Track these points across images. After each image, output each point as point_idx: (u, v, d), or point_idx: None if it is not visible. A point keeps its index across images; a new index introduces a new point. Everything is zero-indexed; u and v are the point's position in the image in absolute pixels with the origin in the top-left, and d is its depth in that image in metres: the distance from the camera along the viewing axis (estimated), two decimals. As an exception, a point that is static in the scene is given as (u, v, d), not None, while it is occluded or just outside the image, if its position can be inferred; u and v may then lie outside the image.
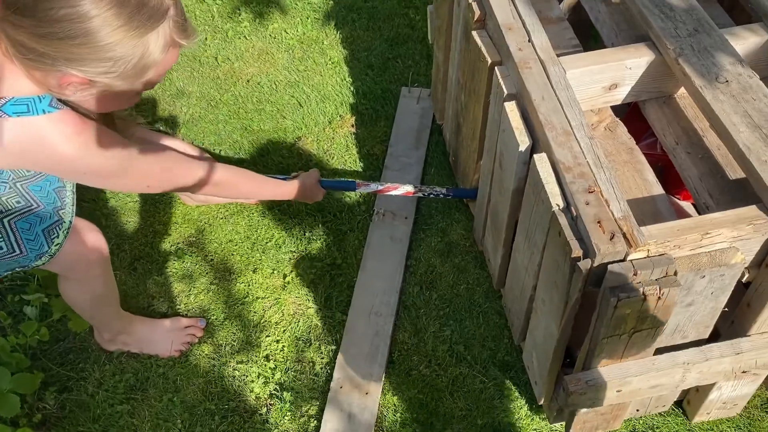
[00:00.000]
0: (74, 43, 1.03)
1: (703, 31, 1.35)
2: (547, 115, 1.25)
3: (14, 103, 1.09)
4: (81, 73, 1.07)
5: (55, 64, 1.05)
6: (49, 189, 1.34)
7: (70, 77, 1.08)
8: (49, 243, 1.35)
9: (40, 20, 1.01)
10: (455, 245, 1.94)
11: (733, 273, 1.14)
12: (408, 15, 2.66)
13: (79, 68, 1.07)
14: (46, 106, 1.12)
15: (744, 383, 1.47)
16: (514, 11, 1.43)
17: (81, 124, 1.16)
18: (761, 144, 1.16)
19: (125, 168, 1.27)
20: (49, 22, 1.01)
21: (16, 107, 1.09)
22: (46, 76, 1.08)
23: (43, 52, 1.03)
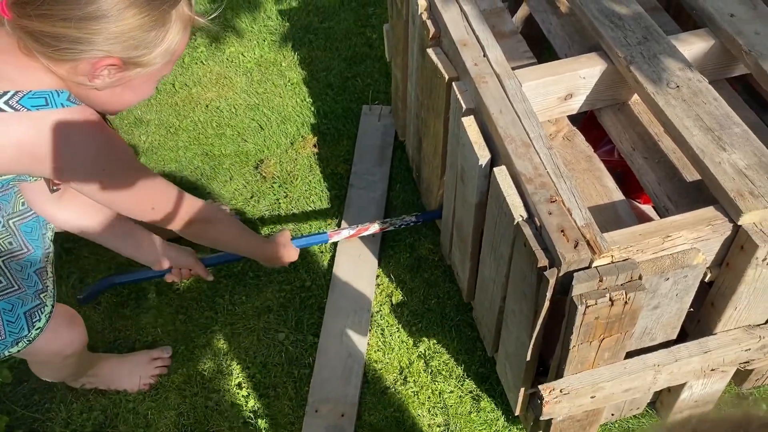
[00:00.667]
0: (109, 21, 1.01)
1: (652, 39, 1.38)
2: (505, 128, 1.26)
3: (32, 96, 1.05)
4: (117, 54, 1.05)
5: (88, 49, 1.03)
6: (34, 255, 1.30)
7: (104, 60, 1.05)
8: (29, 327, 1.29)
9: (73, 4, 0.99)
10: (424, 260, 1.94)
11: (696, 273, 1.16)
12: (365, 34, 2.67)
13: (113, 49, 1.04)
14: (65, 100, 1.08)
15: (713, 381, 1.49)
16: (467, 27, 1.45)
17: (101, 120, 1.13)
18: (714, 146, 1.19)
19: (137, 179, 1.21)
20: (84, 4, 0.99)
21: (35, 100, 1.05)
22: (76, 66, 1.05)
23: (77, 37, 1.01)
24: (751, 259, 1.12)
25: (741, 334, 1.30)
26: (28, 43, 1.03)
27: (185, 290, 1.89)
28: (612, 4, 1.46)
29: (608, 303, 1.10)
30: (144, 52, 1.07)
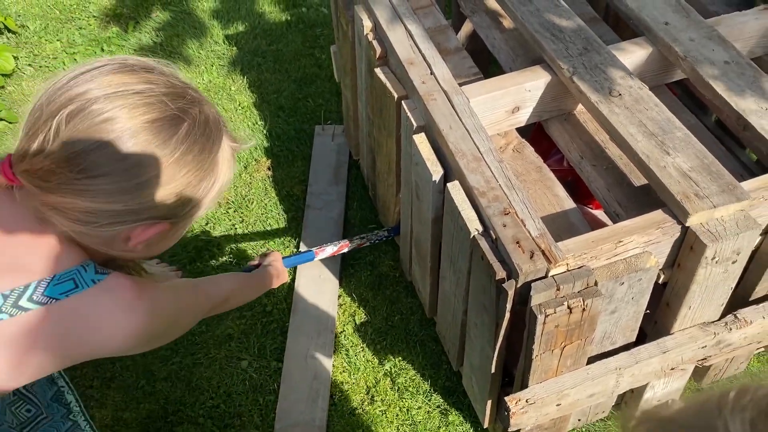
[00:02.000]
0: (158, 188, 0.84)
1: (592, 49, 1.42)
2: (456, 143, 1.27)
3: (58, 282, 0.85)
4: (166, 217, 0.88)
5: (132, 220, 0.85)
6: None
7: (152, 228, 0.87)
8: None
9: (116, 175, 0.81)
10: (385, 277, 1.94)
11: (650, 276, 1.18)
12: (314, 55, 2.68)
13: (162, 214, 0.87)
14: (93, 274, 0.88)
15: (674, 379, 1.52)
16: (413, 46, 1.46)
17: (136, 285, 0.92)
18: (658, 151, 1.22)
19: (180, 312, 1.02)
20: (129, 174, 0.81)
21: (62, 286, 0.85)
22: (115, 237, 0.87)
23: (120, 211, 0.83)
24: (700, 258, 1.15)
25: (697, 332, 1.33)
26: (51, 218, 0.83)
27: (143, 324, 1.85)
28: (552, 18, 1.49)
29: (566, 311, 1.11)
30: (195, 205, 0.90)
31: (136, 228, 0.85)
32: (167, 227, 0.88)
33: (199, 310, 1.09)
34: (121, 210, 0.83)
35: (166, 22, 2.84)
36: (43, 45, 2.79)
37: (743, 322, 1.33)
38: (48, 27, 2.86)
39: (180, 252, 2.02)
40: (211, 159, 0.88)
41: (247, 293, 1.38)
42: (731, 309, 1.34)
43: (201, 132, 0.86)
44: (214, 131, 0.88)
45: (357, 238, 1.78)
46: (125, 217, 0.84)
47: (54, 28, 2.86)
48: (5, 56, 2.60)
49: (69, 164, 0.79)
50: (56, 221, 0.83)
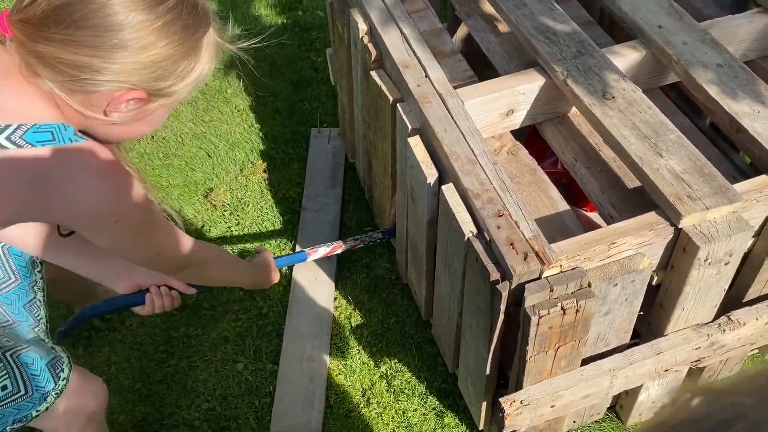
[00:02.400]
0: (138, 51, 0.89)
1: (586, 53, 1.42)
2: (450, 145, 1.28)
3: (37, 130, 0.88)
4: (143, 86, 0.92)
5: (111, 80, 0.89)
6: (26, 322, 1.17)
7: (129, 93, 0.92)
8: (55, 378, 1.18)
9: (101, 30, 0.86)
10: (381, 279, 1.94)
11: (643, 278, 1.19)
12: (310, 58, 2.69)
13: (140, 80, 0.91)
14: (72, 135, 0.91)
15: (668, 381, 1.53)
16: (408, 49, 1.47)
17: (113, 159, 0.95)
18: (651, 153, 1.23)
19: (148, 226, 1.04)
20: (112, 31, 0.86)
21: (40, 135, 0.88)
22: (92, 98, 0.91)
23: (101, 67, 0.88)
24: (693, 260, 1.16)
25: (690, 334, 1.34)
26: (37, 69, 0.88)
27: (138, 325, 1.85)
28: (547, 21, 1.50)
29: (560, 312, 1.12)
30: (171, 83, 0.95)
31: (114, 91, 0.91)
32: (144, 96, 0.93)
33: (171, 234, 1.12)
34: (102, 66, 0.88)
35: (162, 25, 2.85)
36: None
37: (737, 324, 1.34)
38: None
39: (176, 254, 2.03)
40: (194, 40, 0.94)
41: (235, 271, 1.40)
42: (725, 310, 1.35)
43: (188, 11, 0.92)
44: (201, 16, 0.94)
45: (351, 240, 1.79)
46: (106, 75, 0.89)
47: None
48: None
49: (58, 13, 0.84)
50: (43, 73, 0.88)
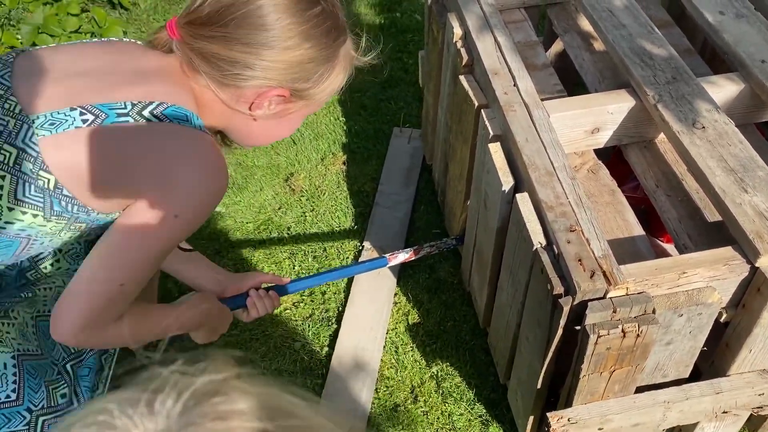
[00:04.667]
0: (287, 51, 0.97)
1: (681, 80, 1.40)
2: (530, 156, 1.29)
3: (175, 111, 0.97)
4: (286, 84, 1.00)
5: (260, 76, 0.98)
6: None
7: (274, 90, 1.00)
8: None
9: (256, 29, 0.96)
10: (443, 282, 1.96)
11: (710, 312, 1.16)
12: (401, 59, 2.73)
13: (284, 79, 1.00)
14: (202, 125, 1.00)
15: (726, 424, 1.48)
16: (500, 57, 1.49)
17: (225, 163, 1.01)
18: (736, 187, 1.20)
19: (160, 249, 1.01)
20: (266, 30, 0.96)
21: (177, 113, 0.97)
22: (241, 93, 1.00)
23: (252, 63, 0.97)
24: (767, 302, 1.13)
25: (755, 378, 1.29)
26: (196, 64, 0.99)
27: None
28: (644, 43, 1.48)
29: (620, 334, 1.11)
30: (310, 86, 1.03)
31: (261, 87, 1.00)
32: (287, 94, 1.02)
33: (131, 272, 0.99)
34: (253, 62, 0.97)
35: (265, 13, 2.96)
36: (151, 23, 2.96)
37: (806, 375, 1.29)
38: (157, 7, 3.03)
39: (252, 230, 2.11)
40: (334, 47, 1.02)
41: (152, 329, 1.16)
42: (795, 360, 1.30)
43: (331, 20, 1.01)
44: (341, 27, 1.03)
45: (427, 246, 1.81)
46: (255, 71, 0.98)
47: (162, 8, 3.02)
48: (115, 30, 2.77)
49: (220, 14, 0.95)
50: (201, 68, 0.99)
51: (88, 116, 0.93)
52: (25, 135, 0.92)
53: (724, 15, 1.55)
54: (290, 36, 0.97)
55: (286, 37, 0.97)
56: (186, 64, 1.00)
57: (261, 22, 0.96)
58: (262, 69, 0.98)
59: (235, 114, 1.04)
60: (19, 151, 0.91)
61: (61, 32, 2.65)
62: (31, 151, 0.92)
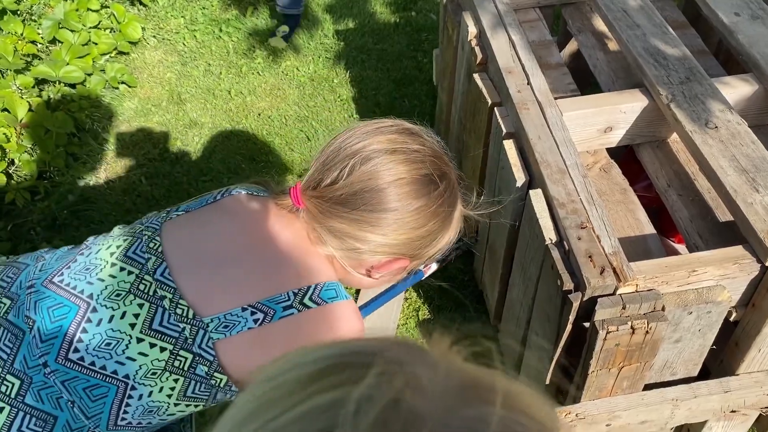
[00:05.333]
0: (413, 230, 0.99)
1: (694, 80, 1.41)
2: (542, 153, 1.30)
3: (327, 288, 1.00)
4: (408, 255, 1.03)
5: (386, 252, 1.01)
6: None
7: (398, 261, 1.03)
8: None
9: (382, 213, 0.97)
10: (453, 279, 1.97)
11: (720, 310, 1.17)
12: (416, 58, 2.75)
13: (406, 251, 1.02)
14: (345, 291, 1.03)
15: (734, 424, 1.48)
16: (514, 56, 1.50)
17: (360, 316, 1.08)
18: (747, 187, 1.21)
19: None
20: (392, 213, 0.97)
21: (329, 292, 1.00)
22: (364, 262, 1.03)
23: (379, 243, 0.99)
24: (777, 301, 1.13)
25: (764, 378, 1.30)
26: (325, 238, 1.00)
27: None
28: (658, 44, 1.49)
29: (629, 330, 1.12)
30: (428, 250, 1.05)
31: (385, 258, 1.02)
32: (407, 263, 1.04)
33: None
34: (383, 242, 0.99)
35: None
36: (168, 20, 2.99)
37: (816, 376, 1.29)
38: (175, 4, 3.06)
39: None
40: (451, 215, 1.04)
41: None
42: (805, 360, 1.30)
43: (451, 191, 1.02)
44: (456, 193, 1.05)
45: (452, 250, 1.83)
46: (384, 248, 1.00)
47: (180, 5, 3.06)
48: (134, 25, 2.81)
49: (354, 198, 0.97)
50: (329, 242, 1.00)
51: (258, 315, 0.95)
52: (201, 340, 0.94)
53: (739, 16, 1.55)
54: (417, 218, 0.98)
55: (413, 220, 0.98)
56: (312, 231, 1.02)
57: (391, 207, 0.97)
58: (388, 246, 1.00)
59: (350, 275, 1.06)
60: (195, 356, 0.94)
61: (81, 27, 2.69)
62: (207, 356, 0.94)
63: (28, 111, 2.32)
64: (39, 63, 2.54)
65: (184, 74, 2.73)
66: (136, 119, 2.56)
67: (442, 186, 1.00)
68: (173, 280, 0.97)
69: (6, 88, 2.36)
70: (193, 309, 0.95)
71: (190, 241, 1.01)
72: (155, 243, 1.00)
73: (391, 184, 0.96)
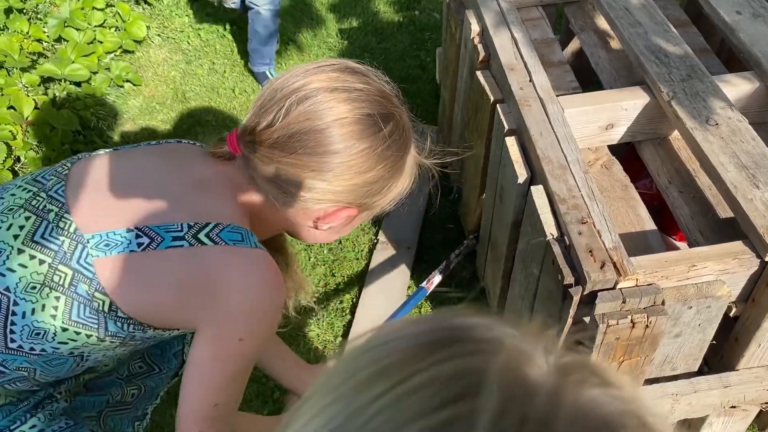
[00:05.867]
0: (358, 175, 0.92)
1: (696, 77, 1.42)
2: (544, 149, 1.31)
3: (231, 230, 0.93)
4: (355, 203, 0.95)
5: (330, 199, 0.93)
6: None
7: (344, 210, 0.95)
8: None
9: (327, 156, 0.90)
10: (456, 276, 1.99)
11: (719, 305, 1.18)
12: (419, 56, 2.76)
13: (353, 199, 0.95)
14: (256, 241, 0.95)
15: (735, 420, 1.49)
16: (516, 53, 1.51)
17: (282, 280, 0.98)
18: (747, 183, 1.22)
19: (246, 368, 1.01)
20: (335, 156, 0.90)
21: (233, 234, 0.93)
22: (307, 212, 0.95)
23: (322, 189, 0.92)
24: (776, 296, 1.14)
25: (764, 373, 1.31)
26: (261, 184, 0.94)
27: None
28: (660, 42, 1.50)
29: (629, 324, 1.13)
30: (377, 199, 0.98)
31: (331, 207, 0.95)
32: (355, 212, 0.97)
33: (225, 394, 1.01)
34: (326, 189, 0.92)
35: (286, 9, 3.00)
36: (173, 18, 3.01)
37: (816, 372, 1.30)
38: (179, 2, 3.08)
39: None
40: (402, 160, 0.96)
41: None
42: (805, 356, 1.31)
43: (400, 134, 0.95)
44: (408, 137, 0.97)
45: (453, 256, 1.83)
46: (328, 196, 0.93)
47: (185, 3, 3.07)
48: (139, 24, 2.83)
49: (291, 140, 0.89)
50: (265, 188, 0.94)
51: (144, 239, 0.90)
52: (80, 256, 0.90)
53: (740, 15, 1.56)
54: (362, 161, 0.92)
55: (357, 164, 0.91)
56: (247, 178, 0.95)
57: (332, 149, 0.90)
58: (333, 193, 0.93)
59: (297, 224, 1.00)
60: (74, 273, 0.90)
61: (87, 26, 2.71)
62: (87, 273, 0.90)
63: (33, 109, 2.34)
64: (45, 61, 2.56)
65: (188, 73, 2.75)
66: (140, 117, 2.57)
67: (389, 127, 0.92)
68: (64, 196, 0.93)
69: (12, 86, 2.38)
70: (77, 224, 0.91)
71: (100, 167, 0.97)
72: (64, 168, 0.98)
73: (332, 124, 0.89)
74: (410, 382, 0.30)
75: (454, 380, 0.30)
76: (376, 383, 0.31)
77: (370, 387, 0.31)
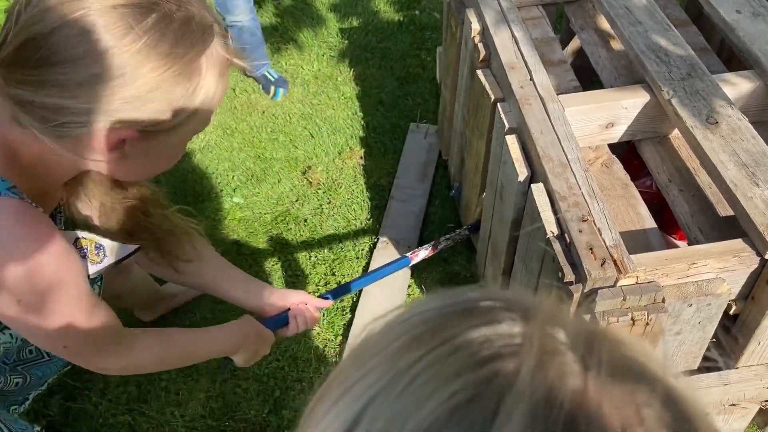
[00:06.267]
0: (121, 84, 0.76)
1: (696, 76, 1.42)
2: (544, 147, 1.31)
3: None
4: (135, 123, 0.79)
5: (96, 120, 0.78)
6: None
7: (117, 133, 0.79)
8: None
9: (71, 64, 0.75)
10: (456, 275, 1.99)
11: (720, 303, 1.18)
12: (420, 56, 2.76)
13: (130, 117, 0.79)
14: (5, 189, 0.82)
15: (735, 418, 1.49)
16: (517, 52, 1.51)
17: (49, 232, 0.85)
18: (747, 181, 1.22)
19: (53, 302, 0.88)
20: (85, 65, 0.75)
21: None
22: (82, 140, 0.80)
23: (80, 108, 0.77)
24: (776, 294, 1.14)
25: (764, 371, 1.31)
26: (18, 116, 0.78)
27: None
28: (660, 41, 1.50)
29: (629, 322, 1.13)
30: (168, 116, 0.81)
31: (100, 132, 0.79)
32: (137, 135, 0.81)
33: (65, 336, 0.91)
34: (78, 107, 0.76)
35: (286, 8, 3.01)
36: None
37: (815, 370, 1.30)
38: (180, 2, 3.08)
39: (269, 221, 2.15)
40: (188, 61, 0.79)
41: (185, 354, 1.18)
42: (804, 354, 1.31)
43: (176, 27, 0.77)
44: (197, 32, 0.80)
45: (443, 239, 1.83)
46: (86, 117, 0.77)
47: (185, 3, 3.08)
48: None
49: (26, 51, 0.75)
50: (25, 120, 0.78)
51: None
52: None
53: (740, 14, 1.57)
54: (119, 64, 0.75)
55: (113, 67, 0.74)
56: (8, 113, 0.80)
57: (75, 55, 0.74)
58: (95, 113, 0.77)
59: (88, 162, 0.84)
60: None
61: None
62: None
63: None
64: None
65: (188, 72, 2.75)
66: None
67: (154, 15, 0.75)
68: None
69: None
70: None
71: None
72: None
73: (66, 23, 0.73)
74: (449, 345, 0.31)
75: (490, 341, 0.31)
76: (414, 348, 0.32)
77: (409, 351, 0.32)
